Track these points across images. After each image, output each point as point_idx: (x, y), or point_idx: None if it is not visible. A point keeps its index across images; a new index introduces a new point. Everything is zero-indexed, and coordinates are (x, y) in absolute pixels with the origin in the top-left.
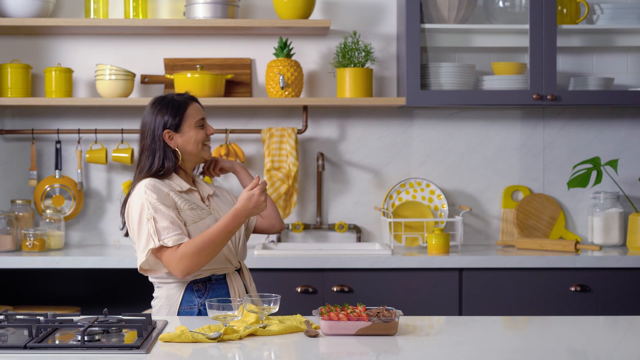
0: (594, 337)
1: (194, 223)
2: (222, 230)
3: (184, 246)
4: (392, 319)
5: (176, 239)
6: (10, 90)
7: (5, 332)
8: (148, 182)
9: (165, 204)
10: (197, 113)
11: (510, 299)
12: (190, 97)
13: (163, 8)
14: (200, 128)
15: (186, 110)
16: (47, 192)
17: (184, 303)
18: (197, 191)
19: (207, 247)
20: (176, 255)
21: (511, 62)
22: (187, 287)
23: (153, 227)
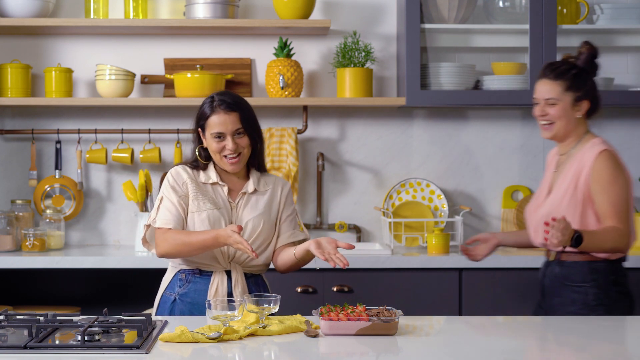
0: (593, 337)
1: (192, 212)
2: (199, 243)
3: (171, 232)
4: (392, 319)
5: (164, 222)
6: (10, 90)
7: (5, 332)
8: (176, 167)
9: (176, 189)
10: (217, 126)
11: (510, 299)
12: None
13: (163, 8)
14: (217, 140)
15: (207, 119)
16: (47, 192)
17: (168, 288)
18: (225, 186)
19: (180, 245)
20: (160, 236)
21: (511, 62)
22: (176, 273)
23: (157, 206)
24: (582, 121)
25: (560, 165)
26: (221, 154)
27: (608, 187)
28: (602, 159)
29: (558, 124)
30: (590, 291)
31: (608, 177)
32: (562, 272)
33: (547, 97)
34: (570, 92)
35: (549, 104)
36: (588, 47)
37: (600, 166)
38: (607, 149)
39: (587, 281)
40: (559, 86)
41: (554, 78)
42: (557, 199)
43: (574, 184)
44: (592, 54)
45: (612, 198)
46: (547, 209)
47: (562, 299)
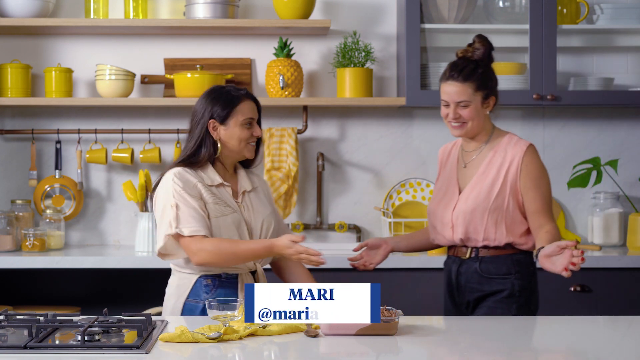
0: (594, 337)
1: (216, 217)
2: (249, 253)
3: (209, 241)
4: (392, 319)
5: (194, 229)
6: (10, 90)
7: (5, 332)
8: (176, 171)
9: (190, 194)
10: (248, 112)
11: None
12: (247, 94)
13: (163, 8)
14: (246, 127)
15: (237, 105)
16: (47, 192)
17: (191, 295)
18: (229, 186)
19: (227, 255)
20: (196, 245)
21: (511, 62)
22: (198, 280)
23: (175, 213)
24: (488, 117)
25: (469, 162)
26: (248, 141)
27: (539, 182)
28: (531, 154)
29: (470, 123)
30: (516, 282)
31: (538, 172)
32: (484, 267)
33: (459, 100)
34: (479, 91)
35: (461, 106)
36: (484, 43)
37: (530, 161)
38: (532, 144)
39: (512, 272)
40: (470, 88)
41: (462, 80)
42: (483, 195)
43: (502, 177)
44: (488, 48)
45: (543, 193)
46: (470, 205)
47: (484, 292)
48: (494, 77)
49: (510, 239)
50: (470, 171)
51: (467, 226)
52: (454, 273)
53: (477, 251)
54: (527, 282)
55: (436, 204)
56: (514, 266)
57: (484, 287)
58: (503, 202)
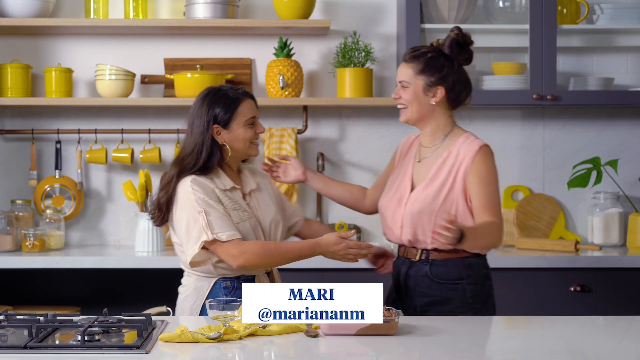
0: (594, 337)
1: (236, 224)
2: (295, 255)
3: (252, 243)
4: (392, 319)
5: (230, 234)
6: (10, 90)
7: (5, 332)
8: (193, 179)
9: (213, 199)
10: (249, 111)
11: (510, 299)
12: (245, 92)
13: (163, 8)
14: (249, 126)
15: (238, 107)
16: (47, 192)
17: (210, 297)
18: (239, 189)
19: (274, 257)
20: (237, 248)
21: (511, 62)
22: (216, 282)
23: (205, 220)
24: (444, 111)
25: (424, 158)
26: (252, 141)
27: (487, 181)
28: (483, 154)
29: (410, 108)
30: (468, 287)
31: (487, 172)
32: (434, 271)
33: (401, 79)
34: (422, 76)
35: (402, 87)
36: (455, 33)
37: (481, 160)
38: (486, 144)
39: (463, 277)
40: (411, 69)
41: (408, 60)
42: (430, 197)
43: (452, 178)
44: (456, 39)
45: (489, 192)
46: (417, 206)
47: (434, 298)
48: (453, 70)
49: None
50: (424, 168)
51: (415, 228)
52: (403, 275)
53: (427, 253)
54: (481, 285)
55: (388, 199)
56: (465, 270)
57: (434, 292)
58: (452, 204)
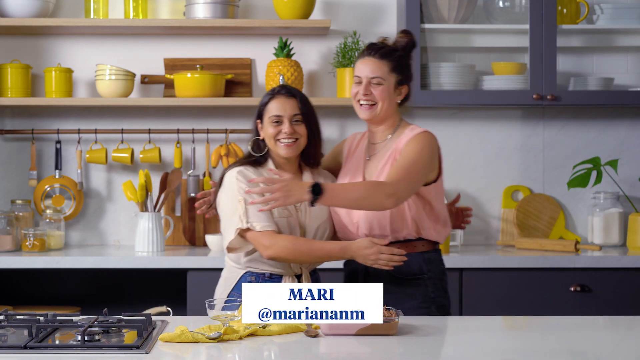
0: (594, 337)
1: (279, 218)
2: (324, 254)
3: (284, 237)
4: (392, 319)
5: (264, 225)
6: (10, 90)
7: (5, 332)
8: (240, 170)
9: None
10: (276, 109)
11: (510, 299)
12: (286, 91)
13: (163, 8)
14: (274, 124)
15: (267, 103)
16: (47, 192)
17: (235, 289)
18: None
19: (303, 252)
20: (269, 239)
21: (511, 62)
22: (243, 275)
23: (243, 208)
24: (397, 109)
25: (374, 155)
26: (276, 139)
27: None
28: (416, 139)
29: (380, 105)
30: (429, 282)
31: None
32: (395, 267)
33: (373, 76)
34: (394, 73)
35: (374, 84)
36: (409, 36)
37: (411, 142)
38: (427, 131)
39: (424, 272)
40: (386, 66)
41: (380, 57)
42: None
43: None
44: (411, 43)
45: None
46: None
47: (396, 295)
48: (412, 71)
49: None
50: (374, 164)
51: (370, 223)
52: (362, 273)
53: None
54: (440, 280)
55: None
56: (426, 265)
57: (396, 288)
58: None
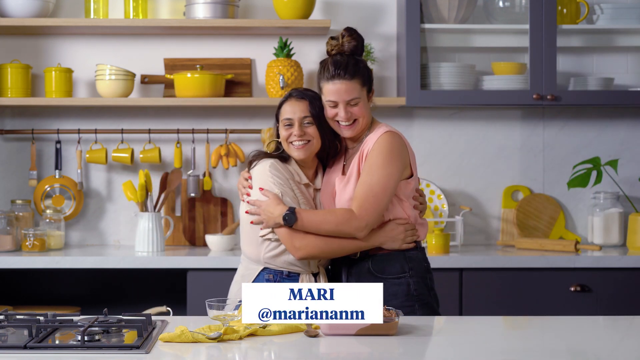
0: (594, 337)
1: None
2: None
3: (313, 237)
4: (392, 319)
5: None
6: (10, 90)
7: (5, 332)
8: (272, 163)
9: (287, 186)
10: (287, 112)
11: (510, 299)
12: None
13: (163, 8)
14: (286, 127)
15: (282, 106)
16: (47, 192)
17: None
18: (313, 187)
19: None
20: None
21: (511, 62)
22: (260, 273)
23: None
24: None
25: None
26: (288, 141)
27: (373, 170)
28: (382, 140)
29: (361, 120)
30: (411, 281)
31: (381, 160)
32: (376, 267)
33: (350, 99)
34: (365, 87)
35: (351, 105)
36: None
37: (377, 147)
38: (390, 130)
39: (405, 271)
40: (358, 84)
41: (350, 77)
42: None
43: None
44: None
45: (369, 182)
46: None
47: None
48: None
49: None
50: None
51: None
52: (344, 275)
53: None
54: (422, 278)
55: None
56: (407, 263)
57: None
58: None
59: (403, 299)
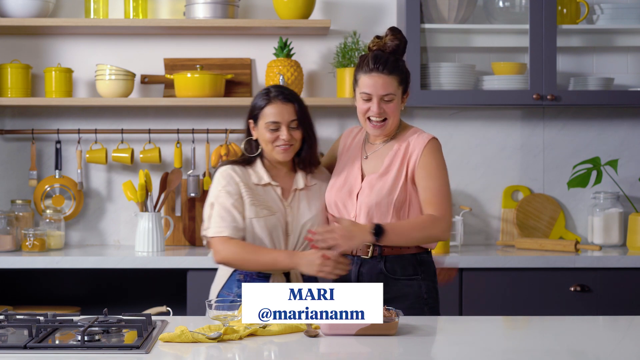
0: (594, 337)
1: (249, 219)
2: (270, 260)
3: (233, 243)
4: (392, 319)
5: (217, 230)
6: (10, 90)
7: (5, 332)
8: (223, 169)
9: (229, 192)
10: (273, 115)
11: (510, 299)
12: (284, 97)
13: (163, 8)
14: (271, 131)
15: (264, 108)
16: (47, 192)
17: (225, 287)
18: (278, 186)
19: (248, 261)
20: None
21: (511, 62)
22: (233, 274)
23: (209, 212)
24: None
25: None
26: (273, 144)
27: (435, 174)
28: (431, 147)
29: (391, 120)
30: (423, 284)
31: (434, 165)
32: (389, 267)
33: (385, 93)
34: (401, 86)
35: (385, 101)
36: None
37: (429, 153)
38: (435, 137)
39: (417, 273)
40: (395, 81)
41: (388, 73)
42: (389, 185)
43: (404, 171)
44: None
45: (435, 185)
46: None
47: (389, 295)
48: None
49: None
50: (373, 161)
51: (370, 219)
52: (354, 274)
53: (380, 249)
54: (432, 281)
55: (337, 190)
56: (419, 266)
57: (390, 288)
58: (406, 197)
59: (413, 300)
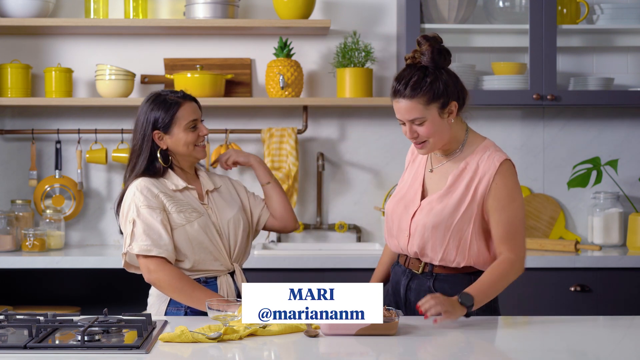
0: (594, 337)
1: (182, 226)
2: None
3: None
4: (392, 319)
5: (143, 247)
6: (10, 90)
7: (5, 332)
8: (139, 183)
9: (151, 206)
10: (189, 114)
11: (511, 299)
12: (184, 96)
13: (163, 8)
14: (191, 130)
15: (177, 111)
16: (47, 192)
17: (172, 304)
18: (194, 189)
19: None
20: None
21: (511, 62)
22: None
23: (131, 230)
24: (457, 122)
25: (438, 167)
26: (195, 143)
27: (506, 205)
28: (504, 172)
29: (432, 140)
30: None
31: (507, 193)
32: (438, 286)
33: (412, 118)
34: (434, 103)
35: (416, 124)
36: (429, 43)
37: (501, 179)
38: (507, 158)
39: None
40: (419, 103)
41: (410, 96)
42: (448, 211)
43: (470, 194)
44: (436, 48)
45: (508, 218)
46: (432, 219)
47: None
48: (452, 79)
49: (472, 262)
50: (437, 176)
51: (425, 241)
52: (403, 287)
53: (431, 267)
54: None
55: (395, 203)
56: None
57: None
58: (469, 222)
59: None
